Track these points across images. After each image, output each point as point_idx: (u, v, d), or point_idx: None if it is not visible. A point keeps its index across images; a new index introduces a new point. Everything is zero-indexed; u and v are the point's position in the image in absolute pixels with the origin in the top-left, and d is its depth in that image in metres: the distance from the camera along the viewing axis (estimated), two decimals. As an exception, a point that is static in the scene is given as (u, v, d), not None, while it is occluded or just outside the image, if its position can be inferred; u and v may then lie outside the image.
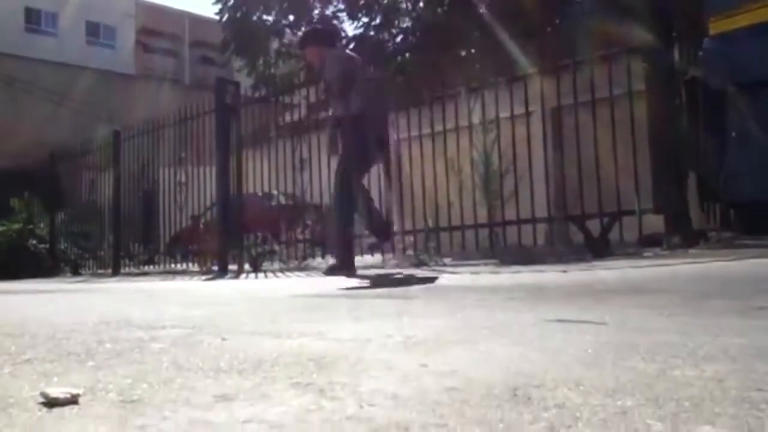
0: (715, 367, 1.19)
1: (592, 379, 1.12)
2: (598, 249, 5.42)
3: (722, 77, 5.28)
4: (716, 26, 5.37)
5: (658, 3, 5.93)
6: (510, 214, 6.25)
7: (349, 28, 18.41)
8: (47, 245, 11.61)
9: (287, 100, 8.64)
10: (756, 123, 5.06)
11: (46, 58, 23.67)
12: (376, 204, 5.87)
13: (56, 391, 1.08)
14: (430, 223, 6.76)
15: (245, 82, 13.70)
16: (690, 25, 5.95)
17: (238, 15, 18.13)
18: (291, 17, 18.18)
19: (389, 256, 6.79)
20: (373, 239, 6.18)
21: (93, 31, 30.61)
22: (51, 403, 1.05)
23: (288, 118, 8.71)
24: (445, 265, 5.95)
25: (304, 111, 8.08)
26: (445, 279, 4.33)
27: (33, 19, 28.75)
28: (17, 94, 20.60)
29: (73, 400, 1.06)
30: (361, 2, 16.68)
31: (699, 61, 5.58)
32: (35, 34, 28.21)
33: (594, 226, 5.73)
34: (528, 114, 6.21)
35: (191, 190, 9.01)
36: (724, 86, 5.27)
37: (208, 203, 8.75)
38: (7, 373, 1.36)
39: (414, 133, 6.98)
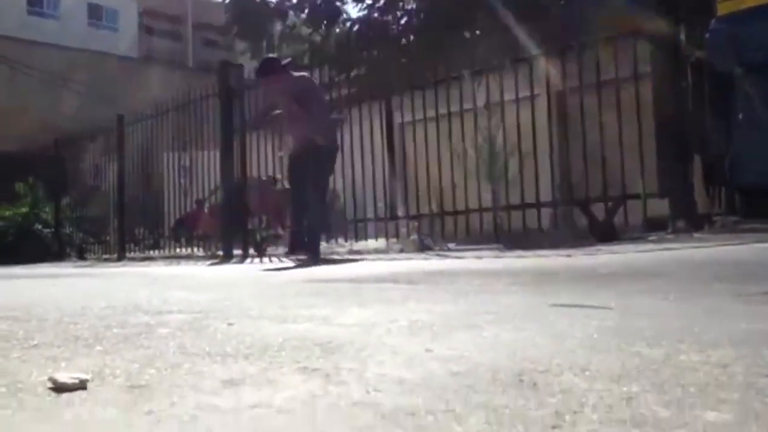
0: (720, 352, 1.19)
1: (597, 364, 1.13)
2: (603, 233, 5.41)
3: (729, 59, 5.22)
4: (724, 6, 5.31)
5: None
6: (514, 198, 6.23)
7: (353, 11, 18.26)
8: (52, 230, 11.65)
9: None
10: (763, 105, 5.01)
11: (49, 41, 23.54)
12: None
13: (64, 377, 1.09)
14: (434, 208, 6.75)
15: (249, 64, 13.63)
16: (697, 5, 5.89)
17: (241, -4, 18.02)
18: (294, -1, 18.05)
19: (393, 240, 6.80)
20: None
21: (95, 13, 30.46)
22: (59, 388, 1.05)
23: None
24: (449, 249, 5.95)
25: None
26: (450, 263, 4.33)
27: (35, 1, 28.62)
28: (19, 78, 20.54)
29: (81, 386, 1.06)
30: (366, -17, 16.53)
31: (705, 42, 5.52)
32: (37, 16, 28.10)
33: (599, 209, 5.72)
34: (533, 97, 6.17)
35: (195, 175, 9.01)
36: (731, 68, 5.22)
37: (212, 187, 8.75)
38: (15, 357, 1.37)
39: (418, 116, 6.95)
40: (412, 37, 15.31)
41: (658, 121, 5.66)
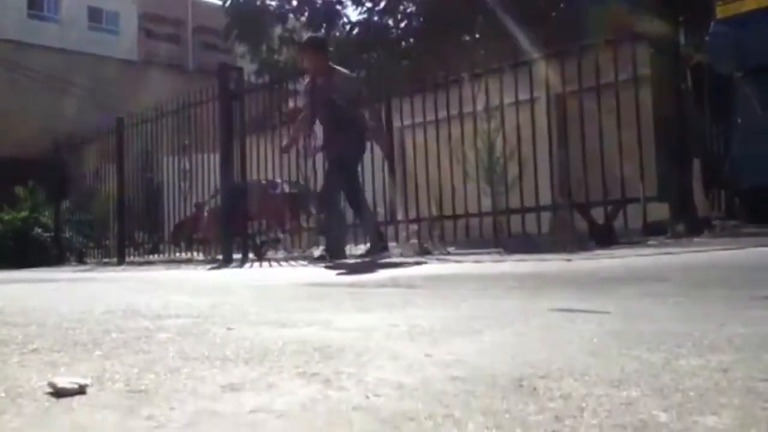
0: (720, 357, 1.19)
1: (597, 369, 1.13)
2: (603, 237, 5.40)
3: (729, 62, 5.23)
4: (723, 9, 5.32)
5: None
6: (514, 202, 6.23)
7: (353, 14, 18.27)
8: (52, 234, 11.64)
9: (291, 86, 8.60)
10: (763, 108, 5.02)
11: (49, 44, 23.53)
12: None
13: (64, 381, 1.09)
14: (434, 212, 6.74)
15: (249, 68, 13.64)
16: (697, 8, 5.90)
17: (241, 0, 18.05)
18: (294, 2, 18.09)
19: (392, 244, 6.79)
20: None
21: (95, 16, 30.48)
22: (59, 393, 1.05)
23: (291, 104, 8.67)
24: (449, 253, 5.95)
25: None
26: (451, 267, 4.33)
27: (36, 4, 28.64)
28: (20, 81, 20.55)
29: (80, 390, 1.06)
30: (365, -13, 16.57)
31: (705, 45, 5.53)
32: (37, 20, 28.12)
33: (598, 213, 5.71)
34: (532, 100, 6.16)
35: (195, 178, 9.00)
36: (731, 71, 5.23)
37: (212, 191, 8.74)
38: (15, 362, 1.37)
39: (418, 119, 6.95)
40: (411, 41, 15.34)
41: (658, 125, 5.66)
